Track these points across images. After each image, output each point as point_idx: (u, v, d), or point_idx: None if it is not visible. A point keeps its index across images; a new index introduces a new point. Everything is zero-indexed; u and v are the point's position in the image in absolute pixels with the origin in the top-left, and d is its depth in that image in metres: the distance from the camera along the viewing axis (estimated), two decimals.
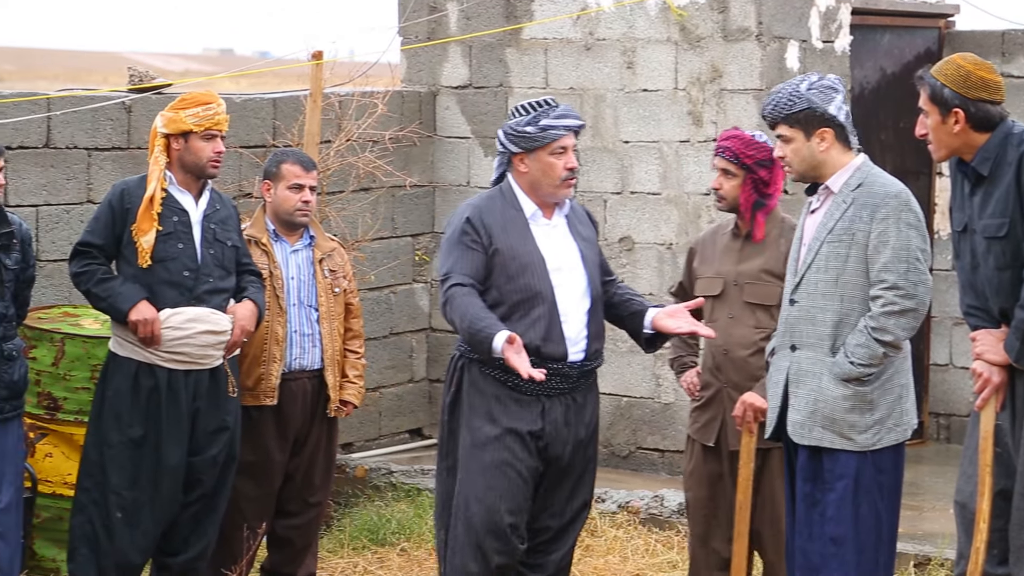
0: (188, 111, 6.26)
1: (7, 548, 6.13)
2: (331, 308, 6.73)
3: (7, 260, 6.11)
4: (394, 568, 7.55)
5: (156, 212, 6.21)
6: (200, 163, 6.29)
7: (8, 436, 6.14)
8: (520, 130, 5.83)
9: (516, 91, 9.63)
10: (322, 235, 6.85)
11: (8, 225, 6.11)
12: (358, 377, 6.86)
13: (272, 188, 6.70)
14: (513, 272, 5.79)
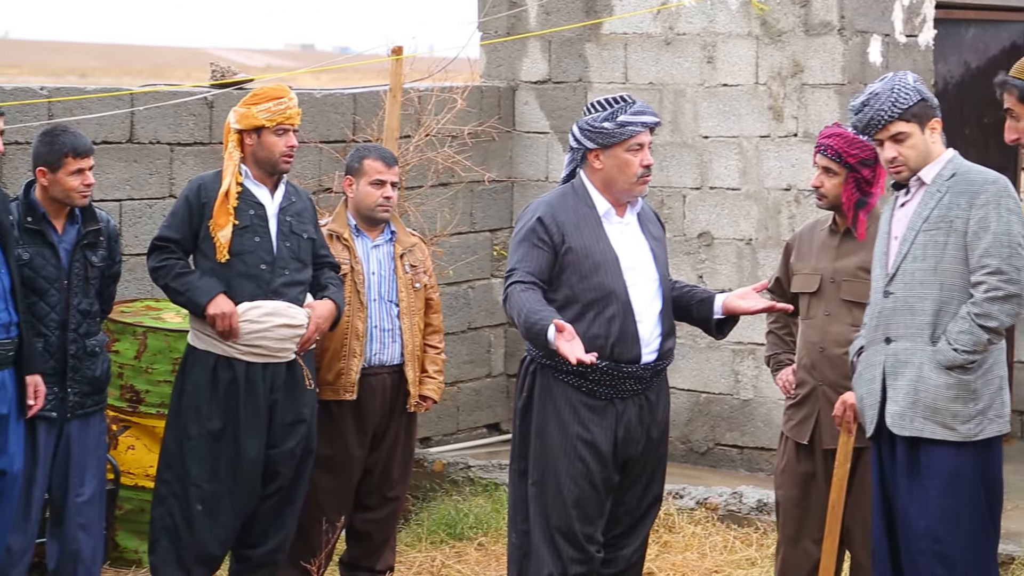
0: (260, 107, 6.29)
1: (90, 540, 6.21)
2: (411, 303, 6.75)
3: (93, 257, 6.17)
4: (471, 563, 7.56)
5: (232, 207, 6.24)
6: (273, 158, 6.32)
7: (91, 430, 6.21)
8: (597, 126, 5.79)
9: (595, 86, 9.60)
10: (403, 230, 6.87)
11: (96, 222, 6.18)
12: (438, 372, 6.88)
13: (354, 183, 6.72)
14: (586, 271, 5.75)
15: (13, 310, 5.82)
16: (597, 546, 5.82)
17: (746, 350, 9.22)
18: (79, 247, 6.12)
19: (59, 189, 6.04)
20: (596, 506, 5.79)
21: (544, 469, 5.78)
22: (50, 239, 6.06)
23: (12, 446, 5.87)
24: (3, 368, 5.80)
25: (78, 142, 6.05)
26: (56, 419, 6.08)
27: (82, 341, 6.13)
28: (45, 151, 6.03)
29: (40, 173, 6.04)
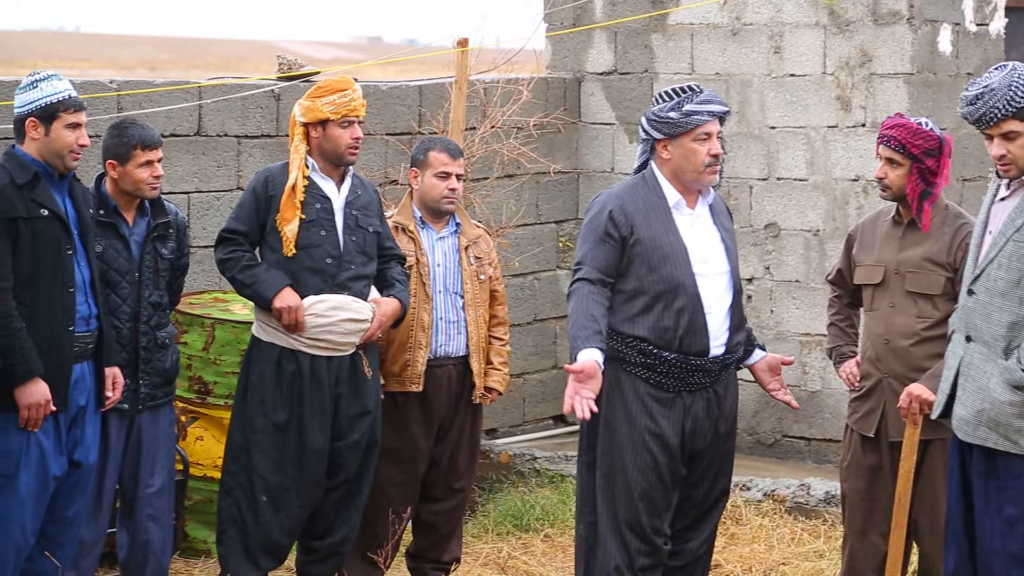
0: (324, 99, 6.29)
1: (160, 530, 6.26)
2: (476, 295, 6.75)
3: (163, 249, 6.22)
4: (538, 554, 7.57)
5: (299, 201, 6.27)
6: (339, 150, 6.34)
7: (160, 421, 6.26)
8: (663, 116, 5.77)
9: (661, 77, 9.58)
10: (468, 222, 6.87)
11: (165, 215, 6.23)
12: (503, 364, 6.88)
13: (419, 175, 6.73)
14: (655, 263, 5.73)
15: (93, 303, 5.87)
16: (664, 538, 5.81)
17: (813, 341, 9.17)
18: (149, 239, 6.17)
19: (128, 181, 6.09)
20: (663, 498, 5.78)
21: (612, 461, 5.78)
22: (121, 232, 6.11)
23: (89, 438, 5.93)
24: (83, 360, 5.85)
25: (146, 134, 6.10)
26: (128, 411, 6.14)
27: (153, 333, 6.18)
28: (114, 144, 6.08)
29: (110, 166, 6.09)
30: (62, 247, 5.74)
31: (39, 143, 5.75)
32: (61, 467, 5.83)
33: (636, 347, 5.74)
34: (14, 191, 5.66)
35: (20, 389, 5.65)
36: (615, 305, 5.76)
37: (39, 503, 5.79)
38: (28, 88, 5.75)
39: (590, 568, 5.89)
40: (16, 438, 5.71)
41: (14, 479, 5.72)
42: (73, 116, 5.74)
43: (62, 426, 5.81)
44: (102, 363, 5.92)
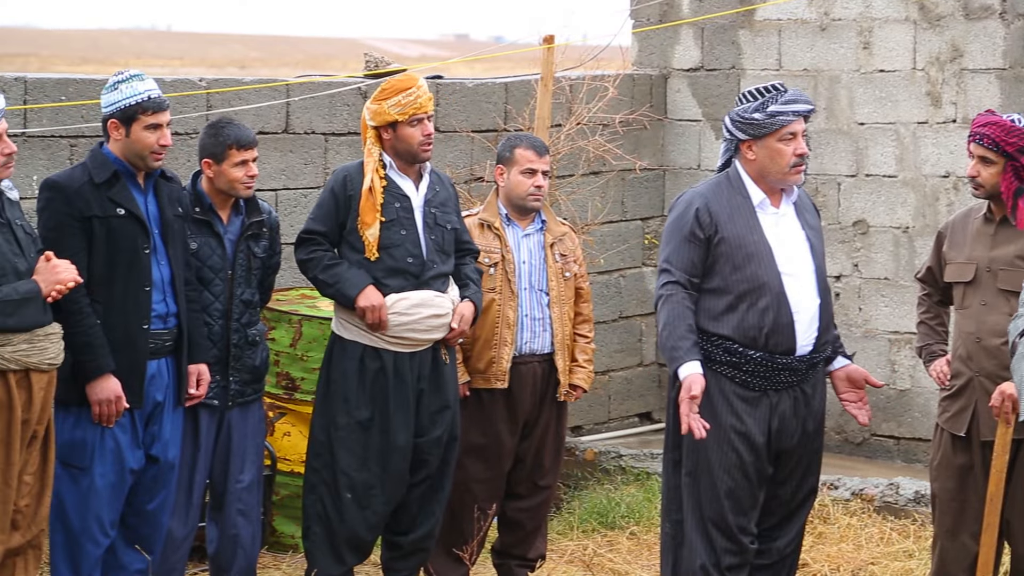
0: (390, 101, 6.24)
1: (249, 525, 6.31)
2: (562, 292, 6.75)
3: (256, 248, 6.26)
4: (623, 551, 7.56)
5: (378, 204, 6.27)
6: (412, 149, 6.31)
7: (250, 417, 6.31)
8: (747, 117, 5.74)
9: (748, 73, 9.52)
10: (553, 219, 6.87)
11: (259, 213, 6.27)
12: (588, 362, 6.87)
13: (505, 172, 6.73)
14: (739, 262, 5.71)
15: (172, 301, 5.93)
16: (751, 537, 5.79)
17: (903, 339, 9.08)
18: (243, 238, 6.21)
19: (223, 180, 6.13)
20: (749, 497, 5.76)
21: (697, 459, 5.76)
22: (216, 229, 6.16)
23: (167, 434, 5.99)
24: (160, 357, 5.91)
25: (242, 134, 6.13)
26: (218, 407, 6.19)
27: (244, 331, 6.22)
28: (210, 143, 6.13)
29: (205, 164, 6.15)
30: (139, 246, 5.79)
31: (121, 144, 5.81)
32: (138, 461, 5.89)
33: (721, 346, 5.72)
34: (91, 190, 5.72)
35: (91, 385, 5.72)
36: (700, 304, 5.75)
37: (116, 495, 5.86)
38: (110, 90, 5.81)
39: (677, 566, 5.88)
40: (90, 430, 5.79)
41: (89, 470, 5.80)
42: (153, 117, 5.77)
43: (138, 421, 5.87)
44: (182, 360, 5.97)
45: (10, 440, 5.41)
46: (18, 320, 5.39)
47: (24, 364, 5.42)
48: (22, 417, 5.44)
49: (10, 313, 5.37)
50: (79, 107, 7.20)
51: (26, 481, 5.53)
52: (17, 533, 5.54)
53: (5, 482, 5.41)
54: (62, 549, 5.85)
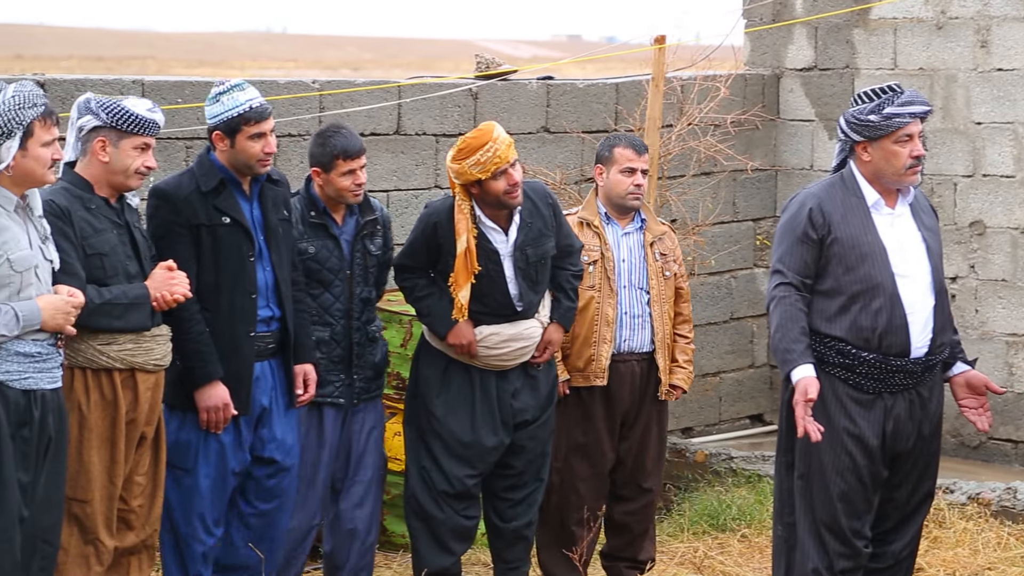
0: (469, 160, 6.15)
1: (367, 521, 6.35)
2: (662, 291, 6.72)
3: (371, 246, 6.31)
4: (734, 554, 7.51)
5: (474, 267, 6.20)
6: (499, 199, 6.22)
7: (371, 414, 6.36)
8: (863, 119, 5.69)
9: (863, 73, 9.43)
10: (653, 218, 6.85)
11: (372, 212, 6.32)
12: (687, 362, 6.83)
13: (604, 172, 6.71)
14: (852, 262, 5.66)
15: (275, 305, 5.98)
16: (865, 541, 5.74)
17: (1020, 342, 8.95)
18: (358, 237, 6.26)
19: (332, 189, 6.18)
20: (863, 500, 5.72)
21: (810, 462, 5.73)
22: (332, 231, 6.21)
23: (279, 435, 6.04)
24: (263, 359, 5.97)
25: (349, 144, 6.15)
26: (343, 405, 6.25)
27: (364, 328, 6.28)
28: (318, 152, 6.17)
29: (315, 173, 6.20)
30: (244, 254, 5.86)
31: (227, 154, 5.87)
32: (240, 462, 5.95)
33: (834, 347, 5.68)
34: (198, 198, 5.79)
35: (200, 392, 5.79)
36: (813, 305, 5.72)
37: (219, 496, 5.93)
38: (212, 102, 5.87)
39: (789, 570, 5.86)
40: (194, 432, 5.87)
41: (193, 471, 5.87)
42: (256, 127, 5.81)
43: (243, 424, 5.93)
44: (288, 362, 6.02)
45: (115, 439, 5.50)
46: (124, 323, 5.47)
47: (129, 364, 5.51)
48: (127, 417, 5.52)
49: (117, 316, 5.45)
50: (195, 109, 7.30)
51: (138, 482, 5.62)
52: (131, 533, 5.63)
53: (110, 480, 5.50)
54: (170, 548, 5.94)
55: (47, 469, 5.17)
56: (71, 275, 5.30)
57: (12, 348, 5.06)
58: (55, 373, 5.19)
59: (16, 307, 5.03)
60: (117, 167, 5.50)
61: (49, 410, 5.15)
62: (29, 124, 5.05)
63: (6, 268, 5.03)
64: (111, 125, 5.46)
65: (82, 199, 5.48)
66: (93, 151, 5.50)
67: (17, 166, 5.06)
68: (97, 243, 5.45)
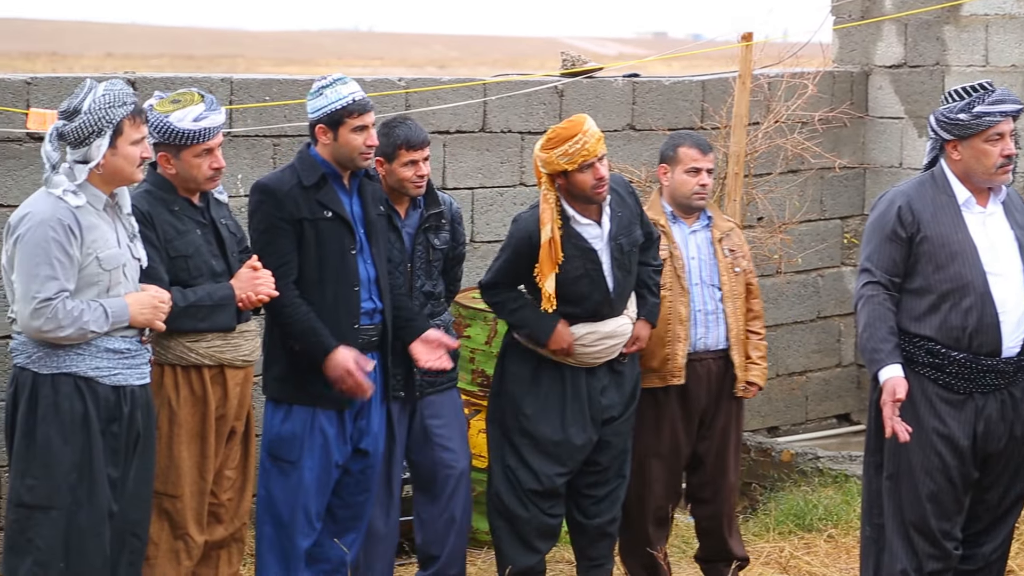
0: (557, 151, 6.14)
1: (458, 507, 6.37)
2: (733, 287, 6.69)
3: (435, 240, 6.32)
4: (820, 554, 7.46)
5: (558, 256, 6.17)
6: (586, 193, 6.21)
7: (445, 404, 6.38)
8: (953, 118, 5.64)
9: (953, 70, 9.33)
10: (719, 215, 6.81)
11: (438, 205, 6.33)
12: (761, 358, 6.78)
13: (669, 172, 6.67)
14: (942, 261, 5.62)
15: (377, 298, 6.01)
16: (955, 543, 5.71)
17: None
18: (421, 230, 6.27)
19: (394, 179, 6.20)
20: (953, 502, 5.68)
21: (899, 463, 5.70)
22: (394, 223, 6.23)
23: (375, 427, 6.08)
24: (367, 352, 6.00)
25: (412, 134, 6.17)
26: (406, 398, 6.27)
27: None
28: (382, 142, 6.19)
29: (378, 163, 6.22)
30: (346, 248, 5.89)
31: (330, 147, 5.91)
32: (344, 455, 5.99)
33: (924, 347, 5.63)
34: (300, 193, 5.83)
35: (325, 367, 5.81)
36: (902, 304, 5.68)
37: (322, 489, 5.96)
38: (315, 95, 5.91)
39: (878, 571, 5.84)
40: (300, 425, 5.90)
41: (299, 464, 5.91)
42: (359, 119, 5.85)
43: (346, 415, 5.97)
44: (387, 354, 6.05)
45: (204, 434, 5.56)
46: (210, 324, 5.53)
47: (218, 360, 5.56)
48: (217, 412, 5.58)
49: (202, 317, 5.51)
50: (282, 107, 7.36)
51: (228, 476, 5.67)
52: (220, 526, 5.68)
53: (201, 476, 5.56)
54: (270, 541, 5.97)
55: (136, 464, 5.24)
56: (155, 279, 5.37)
57: (102, 344, 5.13)
58: (143, 369, 5.25)
59: (105, 303, 5.10)
60: (186, 176, 5.56)
61: (138, 406, 5.22)
62: (119, 123, 5.11)
63: (95, 266, 5.10)
64: (165, 142, 5.51)
65: (165, 201, 5.54)
66: (161, 164, 5.56)
67: (107, 164, 5.13)
68: (181, 245, 5.51)
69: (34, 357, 5.10)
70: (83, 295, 5.09)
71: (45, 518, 5.08)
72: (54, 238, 5.01)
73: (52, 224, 5.02)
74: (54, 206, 5.06)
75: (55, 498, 5.07)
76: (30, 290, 5.01)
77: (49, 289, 5.00)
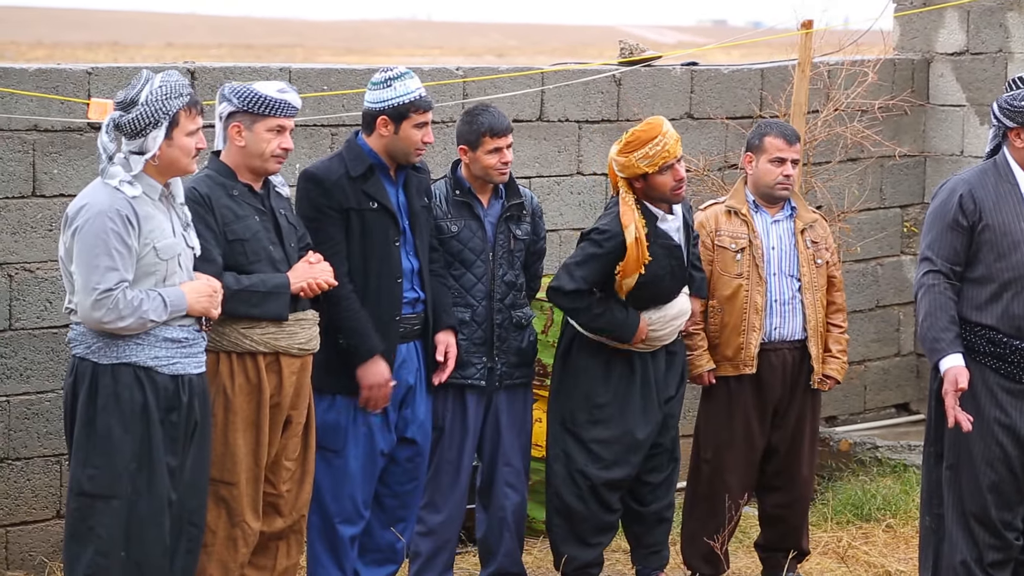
0: (637, 153, 6.17)
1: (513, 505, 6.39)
2: (813, 279, 6.66)
3: (517, 231, 6.34)
4: (879, 544, 7.43)
5: (644, 256, 6.19)
6: (664, 195, 6.25)
7: (518, 401, 6.39)
8: (1017, 105, 5.61)
9: (1016, 57, 9.23)
10: (804, 206, 6.78)
11: (519, 197, 6.34)
12: (841, 352, 6.75)
13: (754, 160, 6.66)
14: (1004, 249, 5.59)
15: (420, 288, 6.03)
16: (1016, 533, 5.69)
17: None
18: (503, 220, 6.29)
19: (478, 167, 6.22)
20: (1014, 492, 5.66)
21: (959, 453, 5.68)
22: (476, 212, 6.25)
23: (421, 416, 6.11)
24: (410, 340, 6.02)
25: (496, 122, 6.20)
26: (485, 388, 6.28)
27: (508, 312, 6.30)
28: (465, 130, 6.22)
29: (461, 151, 6.24)
30: (390, 238, 5.92)
31: (387, 140, 5.93)
32: (388, 443, 6.02)
33: (985, 336, 5.60)
34: (348, 183, 5.86)
35: (362, 369, 5.85)
36: (963, 293, 5.65)
37: (368, 477, 6.00)
38: (382, 86, 5.93)
39: (937, 561, 5.81)
40: (344, 414, 5.94)
41: (343, 453, 5.95)
42: (422, 116, 5.91)
43: (389, 405, 5.98)
44: (429, 343, 6.07)
45: (259, 422, 5.57)
46: (262, 311, 5.53)
47: (273, 347, 5.58)
48: (272, 400, 5.59)
49: (255, 304, 5.52)
50: (340, 96, 7.38)
51: (287, 467, 5.69)
52: (279, 518, 5.70)
53: (256, 463, 5.58)
54: (319, 532, 6.01)
55: (193, 453, 5.27)
56: (208, 261, 5.39)
57: (160, 334, 5.16)
58: (200, 358, 5.29)
59: (164, 293, 5.13)
60: (254, 151, 5.57)
61: (195, 394, 5.26)
62: (175, 114, 5.15)
63: (152, 256, 5.14)
64: (243, 109, 5.53)
65: (225, 186, 5.56)
66: (231, 137, 5.58)
67: (163, 155, 5.16)
68: (239, 229, 5.53)
69: (94, 347, 5.14)
70: (140, 285, 5.12)
71: (106, 507, 5.12)
72: (113, 229, 5.05)
73: (110, 215, 5.06)
74: (111, 197, 5.10)
75: (116, 487, 5.12)
76: (90, 281, 5.05)
77: (109, 280, 5.04)
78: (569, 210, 8.05)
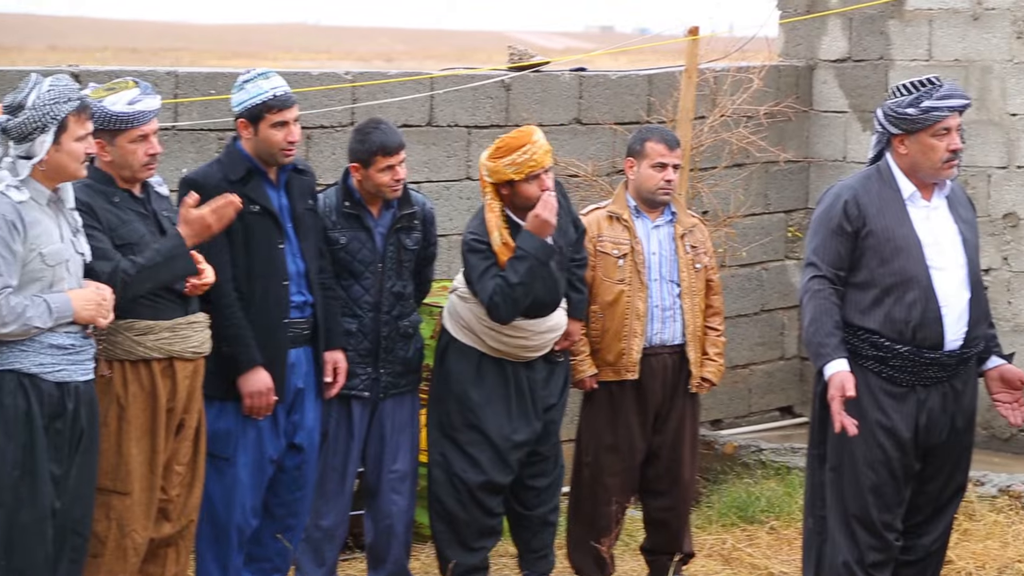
0: (505, 160, 6.18)
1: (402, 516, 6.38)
2: (692, 283, 6.71)
3: (407, 240, 6.31)
4: (763, 546, 7.51)
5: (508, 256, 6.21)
6: (530, 203, 6.22)
7: (404, 409, 6.37)
8: (901, 112, 5.66)
9: (897, 64, 9.39)
10: (683, 210, 6.84)
11: (411, 206, 6.32)
12: (718, 355, 6.81)
13: (635, 165, 6.70)
14: (887, 255, 5.64)
15: (307, 291, 6.00)
16: (895, 534, 5.74)
17: None
18: (393, 231, 6.26)
19: (371, 184, 6.19)
20: (894, 493, 5.71)
21: (842, 455, 5.72)
22: (366, 223, 6.22)
23: (310, 422, 6.08)
24: (299, 346, 5.99)
25: (388, 140, 6.15)
26: (369, 399, 6.26)
27: (395, 323, 6.27)
28: (357, 148, 6.18)
29: (353, 168, 6.20)
30: (274, 242, 5.88)
31: (252, 142, 5.89)
32: (278, 449, 5.98)
33: (868, 340, 5.67)
34: (227, 187, 5.79)
35: (244, 378, 5.81)
36: (847, 297, 5.71)
37: (257, 484, 5.96)
38: (237, 90, 5.88)
39: (820, 562, 5.85)
40: (232, 421, 5.89)
41: (233, 460, 5.90)
42: (279, 115, 5.82)
43: (279, 411, 5.96)
44: (319, 349, 6.04)
45: (155, 429, 5.51)
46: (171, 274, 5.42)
47: (167, 352, 5.52)
48: (167, 406, 5.54)
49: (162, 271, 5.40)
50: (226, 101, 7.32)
51: (177, 471, 5.63)
52: (168, 523, 5.64)
53: (151, 470, 5.52)
54: (209, 540, 5.95)
55: (78, 461, 5.20)
56: (107, 259, 5.31)
57: (45, 340, 5.09)
58: (88, 365, 5.22)
59: (48, 299, 5.07)
60: (122, 163, 5.50)
61: (82, 402, 5.18)
62: (63, 119, 5.08)
63: (38, 262, 5.06)
64: (100, 128, 5.42)
65: (105, 193, 5.48)
66: (98, 153, 5.46)
67: (50, 160, 5.09)
68: (125, 233, 5.46)
69: None
70: (26, 291, 5.05)
71: None
72: None
73: None
74: None
75: None
76: None
77: None
78: (458, 215, 8.06)
